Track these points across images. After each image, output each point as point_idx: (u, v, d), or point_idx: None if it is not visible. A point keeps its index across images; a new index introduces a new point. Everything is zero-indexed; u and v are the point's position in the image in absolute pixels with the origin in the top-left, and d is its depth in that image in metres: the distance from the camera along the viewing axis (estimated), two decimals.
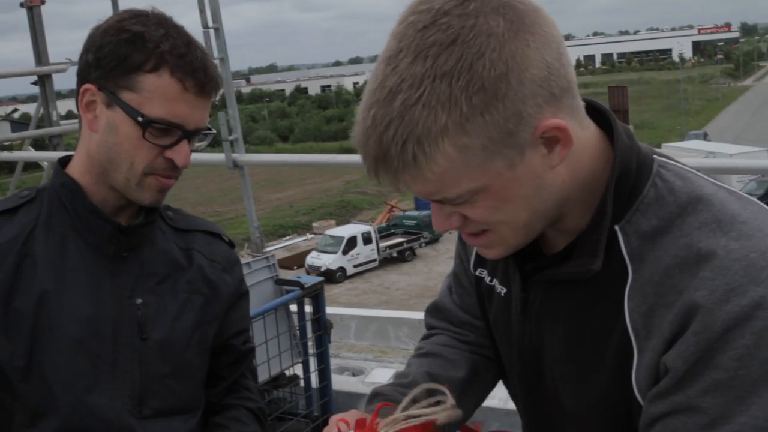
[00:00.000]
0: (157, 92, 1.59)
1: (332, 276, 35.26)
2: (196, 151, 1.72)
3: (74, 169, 1.71)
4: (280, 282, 4.25)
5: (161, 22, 1.62)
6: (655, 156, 1.31)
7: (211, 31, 5.71)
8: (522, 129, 1.12)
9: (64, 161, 1.75)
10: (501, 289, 1.53)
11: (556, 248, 1.37)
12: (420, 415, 1.38)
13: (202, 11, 5.64)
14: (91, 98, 1.63)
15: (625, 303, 1.24)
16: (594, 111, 1.30)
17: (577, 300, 1.33)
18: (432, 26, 1.10)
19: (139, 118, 1.58)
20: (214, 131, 1.74)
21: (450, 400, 1.38)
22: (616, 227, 1.26)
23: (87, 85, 1.62)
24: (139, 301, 1.71)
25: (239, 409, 1.91)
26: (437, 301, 1.83)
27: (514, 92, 1.10)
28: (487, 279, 1.58)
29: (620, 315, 1.25)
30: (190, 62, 1.60)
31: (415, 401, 1.39)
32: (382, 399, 1.53)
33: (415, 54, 1.10)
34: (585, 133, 1.24)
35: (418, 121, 1.09)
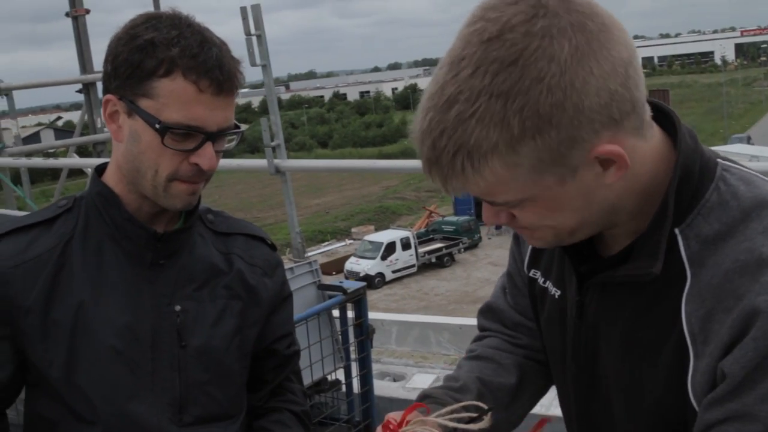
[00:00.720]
0: (172, 97, 1.56)
1: (371, 281, 35.25)
2: (225, 151, 1.69)
3: (109, 178, 1.70)
4: (322, 287, 4.26)
5: (175, 24, 1.59)
6: (719, 160, 1.29)
7: (254, 38, 5.75)
8: (575, 152, 1.13)
9: (101, 169, 1.75)
10: (555, 291, 1.52)
11: (613, 250, 1.36)
12: (450, 426, 1.39)
13: (244, 18, 5.68)
14: (113, 108, 1.62)
15: (683, 307, 1.23)
16: (658, 112, 1.29)
17: (634, 303, 1.31)
18: (497, 40, 1.10)
19: (157, 125, 1.56)
20: (243, 129, 1.70)
21: (487, 422, 1.38)
22: (677, 230, 1.25)
23: (108, 96, 1.61)
24: (177, 308, 1.70)
25: (283, 412, 1.90)
26: (490, 301, 1.81)
27: (569, 119, 1.09)
28: (541, 280, 1.57)
29: (677, 319, 1.23)
30: (203, 62, 1.56)
31: (452, 411, 1.40)
32: (431, 401, 1.53)
33: (475, 66, 1.11)
34: (648, 144, 1.23)
35: (471, 136, 1.11)
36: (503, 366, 1.68)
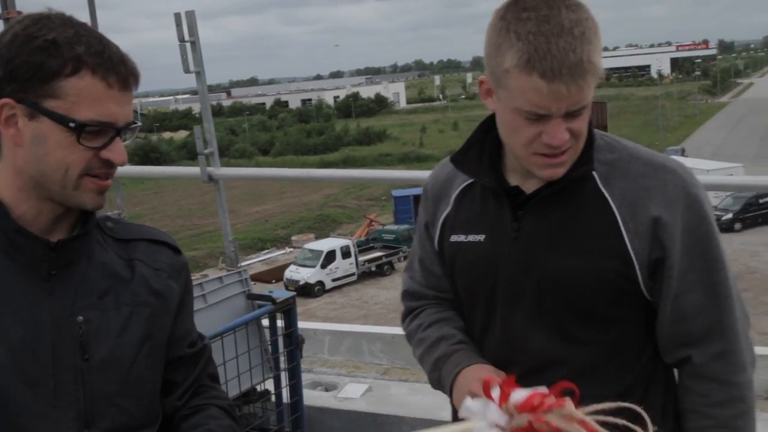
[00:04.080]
0: (83, 95, 1.53)
1: (311, 290, 35.21)
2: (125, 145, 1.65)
3: (0, 189, 1.63)
4: (252, 297, 4.23)
5: (67, 23, 1.56)
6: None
7: (188, 45, 5.68)
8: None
9: None
10: (479, 238, 1.97)
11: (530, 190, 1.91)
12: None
13: (178, 25, 5.62)
14: (10, 112, 1.55)
15: (607, 196, 1.86)
16: None
17: (563, 211, 1.88)
18: None
19: (71, 124, 1.53)
20: (140, 123, 1.68)
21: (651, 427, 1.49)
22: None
23: (4, 100, 1.54)
24: (80, 318, 1.63)
25: (210, 408, 1.85)
26: (408, 289, 2.23)
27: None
28: (462, 239, 2.01)
29: (607, 205, 1.85)
30: (109, 58, 1.55)
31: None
32: (460, 346, 2.01)
33: (565, 8, 1.69)
34: None
35: (590, 42, 1.68)
36: (454, 318, 2.11)
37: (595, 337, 1.90)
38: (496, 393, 1.54)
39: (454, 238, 2.02)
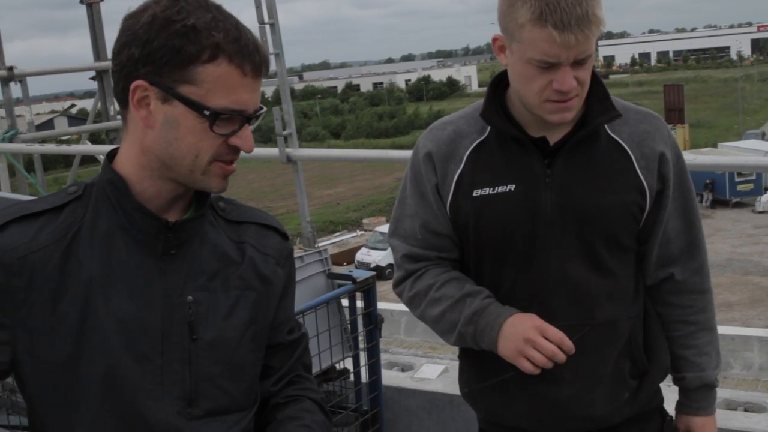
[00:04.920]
0: (219, 82, 1.54)
1: (381, 272, 35.18)
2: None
3: (123, 165, 1.65)
4: (332, 276, 4.27)
5: (203, 5, 1.56)
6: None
7: (267, 27, 5.74)
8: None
9: (112, 155, 1.69)
10: (508, 188, 2.14)
11: (559, 137, 2.15)
12: None
13: (258, 7, 5.68)
14: (143, 94, 1.56)
15: (624, 145, 2.16)
16: None
17: (589, 154, 2.14)
18: None
19: (206, 111, 1.54)
20: (266, 110, 1.69)
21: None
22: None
23: (138, 82, 1.55)
24: (189, 298, 1.65)
25: (304, 400, 1.87)
26: (407, 253, 2.30)
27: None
28: (488, 191, 2.16)
29: (625, 153, 2.15)
30: (245, 46, 1.56)
31: None
32: (491, 299, 2.17)
33: None
34: None
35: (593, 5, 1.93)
36: (466, 277, 2.26)
37: (619, 264, 2.20)
38: None
39: (478, 192, 2.17)
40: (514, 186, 2.14)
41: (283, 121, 5.75)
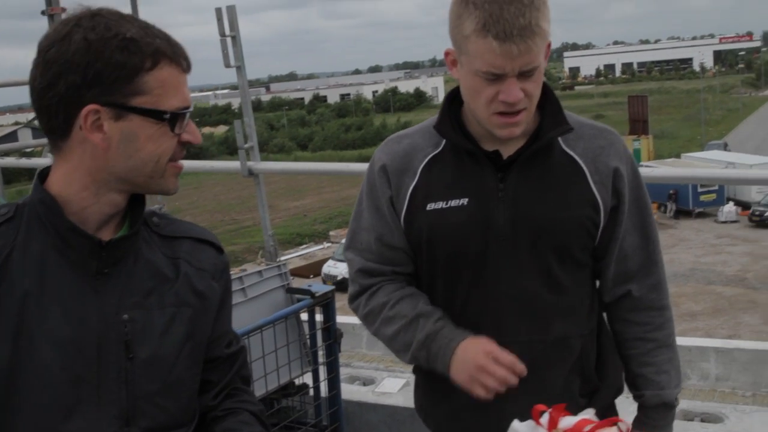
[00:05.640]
0: (165, 85, 1.57)
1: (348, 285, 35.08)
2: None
3: (57, 185, 1.62)
4: (291, 290, 4.25)
5: (120, 16, 1.57)
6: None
7: (228, 40, 5.73)
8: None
9: (44, 175, 1.66)
10: (461, 202, 2.13)
11: (512, 151, 2.14)
12: None
13: (219, 20, 5.67)
14: (94, 117, 1.55)
15: (575, 157, 2.15)
16: None
17: (543, 168, 2.13)
18: None
19: (166, 116, 1.57)
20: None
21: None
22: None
23: (90, 107, 1.53)
24: (125, 317, 1.63)
25: (242, 413, 1.86)
26: (362, 267, 2.30)
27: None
28: (441, 205, 2.14)
29: (577, 165, 2.14)
30: (175, 44, 1.60)
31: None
32: (444, 322, 2.15)
33: None
34: None
35: (538, 9, 1.92)
36: (421, 293, 2.24)
37: (573, 280, 2.19)
38: (545, 419, 1.62)
39: (431, 206, 2.15)
40: (467, 200, 2.13)
41: (245, 135, 5.74)
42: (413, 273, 2.30)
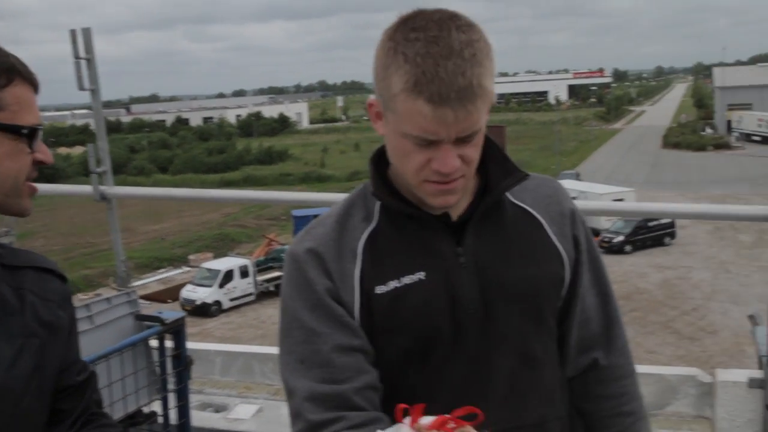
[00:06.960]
0: (21, 102, 1.58)
1: (207, 309, 34.71)
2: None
3: None
4: (140, 317, 4.20)
5: None
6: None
7: (83, 62, 5.63)
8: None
9: None
10: (417, 277, 1.77)
11: (460, 211, 1.82)
12: None
13: (74, 42, 5.57)
14: None
15: (535, 214, 1.87)
16: None
17: (498, 226, 1.83)
18: (455, 18, 1.62)
19: (24, 131, 1.58)
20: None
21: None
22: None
23: None
24: None
25: None
26: (311, 394, 1.70)
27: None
28: (393, 285, 1.76)
29: (525, 210, 1.87)
30: (25, 64, 1.62)
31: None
32: None
33: (456, 28, 1.58)
34: None
35: (481, 65, 1.58)
36: None
37: (545, 353, 1.86)
38: (407, 419, 1.58)
39: (380, 289, 1.76)
40: (423, 273, 1.76)
41: (98, 159, 5.64)
42: (375, 379, 1.76)
